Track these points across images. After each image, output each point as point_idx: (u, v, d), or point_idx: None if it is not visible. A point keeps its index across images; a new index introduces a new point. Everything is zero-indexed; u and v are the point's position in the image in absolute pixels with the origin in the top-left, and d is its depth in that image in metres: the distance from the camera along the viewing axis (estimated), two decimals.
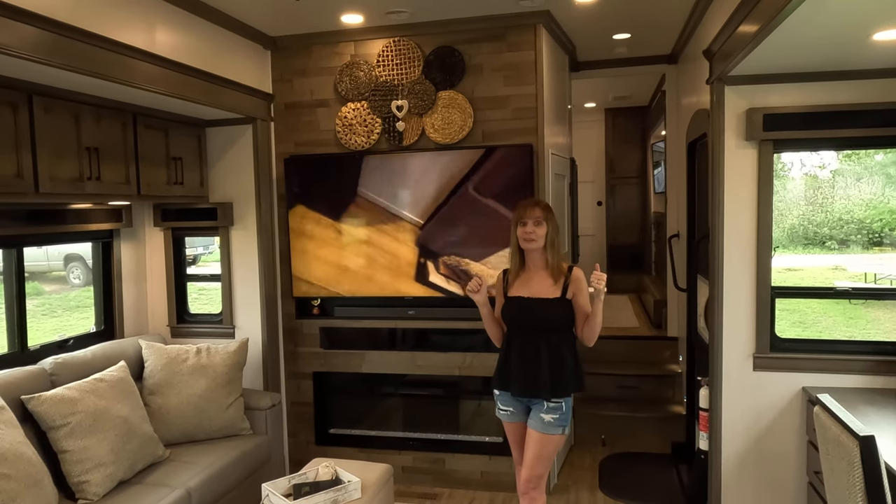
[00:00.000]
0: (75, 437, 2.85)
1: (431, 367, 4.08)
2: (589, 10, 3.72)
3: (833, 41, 2.57)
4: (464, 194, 3.82)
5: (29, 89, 2.76)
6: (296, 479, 2.96)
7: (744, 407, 3.29)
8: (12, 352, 3.27)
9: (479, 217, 3.82)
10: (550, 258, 2.83)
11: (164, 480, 3.06)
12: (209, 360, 3.61)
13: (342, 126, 4.06)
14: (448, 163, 3.83)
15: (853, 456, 1.91)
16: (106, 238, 3.86)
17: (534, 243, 2.81)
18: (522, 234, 2.81)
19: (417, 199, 3.89)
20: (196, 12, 3.35)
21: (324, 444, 4.30)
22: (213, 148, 4.06)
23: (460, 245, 3.87)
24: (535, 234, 2.79)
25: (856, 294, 3.93)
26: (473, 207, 3.82)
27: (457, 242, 3.87)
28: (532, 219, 2.80)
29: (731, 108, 3.20)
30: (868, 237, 5.74)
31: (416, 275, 3.94)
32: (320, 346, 4.23)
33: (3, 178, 2.67)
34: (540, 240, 2.80)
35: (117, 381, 3.19)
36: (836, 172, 5.15)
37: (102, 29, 2.72)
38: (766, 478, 3.29)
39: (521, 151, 3.75)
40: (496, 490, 4.01)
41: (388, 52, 3.96)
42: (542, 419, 2.78)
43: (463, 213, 3.84)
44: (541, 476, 2.83)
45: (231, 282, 4.10)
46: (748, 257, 3.25)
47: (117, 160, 3.29)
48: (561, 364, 2.77)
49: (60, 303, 6.71)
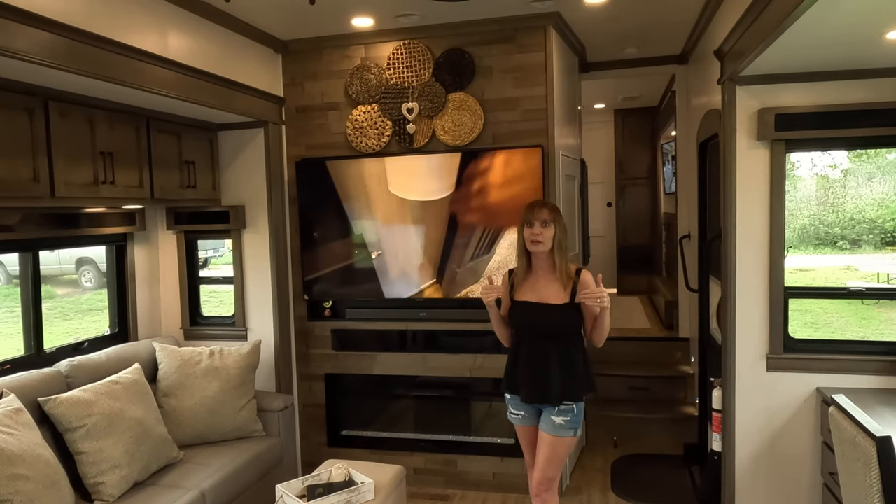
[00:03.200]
0: (91, 439, 2.88)
1: (442, 369, 4.08)
2: (598, 11, 3.72)
3: (845, 40, 2.56)
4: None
5: (45, 94, 2.80)
6: (309, 481, 2.98)
7: (757, 408, 3.28)
8: (28, 354, 3.30)
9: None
10: (558, 261, 2.77)
11: (178, 482, 3.08)
12: (222, 363, 3.64)
13: (353, 129, 4.07)
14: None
15: (870, 457, 1.89)
16: (120, 241, 3.89)
17: (540, 245, 2.76)
18: (529, 235, 2.77)
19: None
20: (208, 17, 3.38)
21: (336, 445, 4.32)
22: (225, 151, 4.08)
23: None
24: (541, 236, 2.75)
25: (869, 294, 3.90)
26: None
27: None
28: (539, 220, 2.75)
29: (742, 108, 3.19)
30: (880, 237, 5.69)
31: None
32: (332, 347, 4.25)
33: (19, 182, 2.70)
34: (547, 242, 2.76)
35: (132, 384, 3.22)
36: (848, 172, 5.11)
37: (117, 34, 2.75)
38: (781, 479, 3.27)
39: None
40: (508, 492, 4.01)
41: (398, 54, 3.97)
42: (553, 422, 2.77)
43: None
44: (553, 479, 2.83)
45: (243, 284, 4.12)
46: (761, 258, 3.24)
47: (131, 164, 3.32)
48: (570, 369, 2.76)
49: (72, 306, 6.77)
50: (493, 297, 2.84)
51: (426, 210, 3.91)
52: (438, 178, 3.88)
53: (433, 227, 3.91)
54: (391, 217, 3.98)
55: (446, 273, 3.93)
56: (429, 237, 3.92)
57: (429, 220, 3.91)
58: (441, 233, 3.90)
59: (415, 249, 3.95)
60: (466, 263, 3.89)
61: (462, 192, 3.84)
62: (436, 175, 3.88)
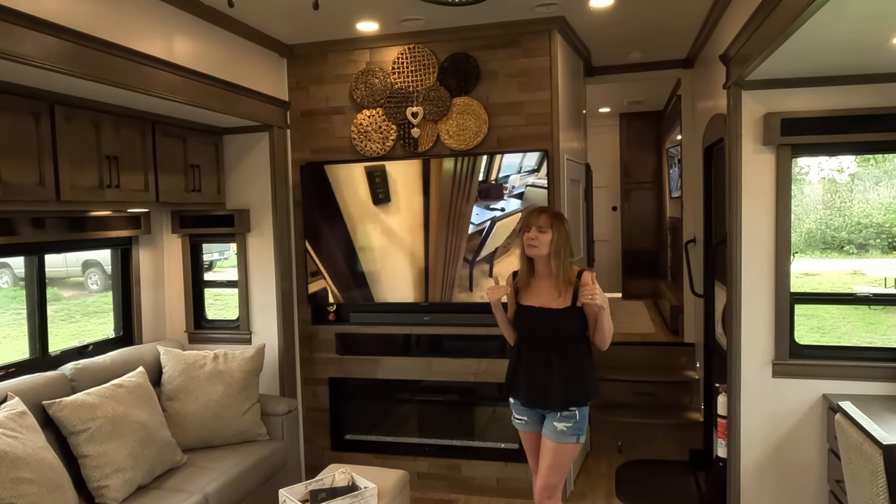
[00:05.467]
0: (95, 443, 2.88)
1: (446, 373, 4.08)
2: (603, 15, 3.71)
3: (852, 45, 2.55)
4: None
5: (51, 99, 2.81)
6: (312, 485, 2.97)
7: (763, 414, 3.25)
8: (34, 357, 3.31)
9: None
10: (555, 267, 2.76)
11: (181, 486, 3.08)
12: (226, 366, 3.64)
13: (358, 133, 4.08)
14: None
15: (876, 464, 1.88)
16: (125, 245, 3.90)
17: (535, 250, 2.76)
18: (526, 239, 2.78)
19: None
20: (214, 21, 3.39)
21: (339, 449, 4.31)
22: (230, 155, 4.09)
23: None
24: (537, 241, 2.74)
25: (876, 299, 3.88)
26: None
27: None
28: (536, 225, 2.76)
29: (748, 113, 3.18)
30: (888, 241, 5.67)
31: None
32: (336, 351, 4.25)
33: (25, 186, 2.71)
34: (543, 247, 2.75)
35: (136, 387, 3.22)
36: (855, 176, 5.09)
37: (123, 39, 2.76)
38: (786, 486, 3.25)
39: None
40: (512, 497, 3.99)
41: (403, 58, 3.98)
42: (555, 428, 2.76)
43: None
44: (556, 485, 2.81)
45: (248, 288, 4.13)
46: (766, 262, 3.22)
47: (136, 168, 3.33)
48: (573, 375, 2.75)
49: (79, 308, 6.79)
50: (498, 297, 2.84)
51: (429, 211, 3.91)
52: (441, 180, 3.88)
53: (434, 230, 3.91)
54: (393, 218, 3.97)
55: (447, 276, 3.92)
56: (430, 239, 3.92)
57: (431, 223, 3.91)
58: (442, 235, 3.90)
59: (417, 253, 3.95)
60: (470, 260, 3.89)
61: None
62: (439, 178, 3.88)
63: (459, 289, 3.91)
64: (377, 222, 4.00)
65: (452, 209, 3.87)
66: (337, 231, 4.07)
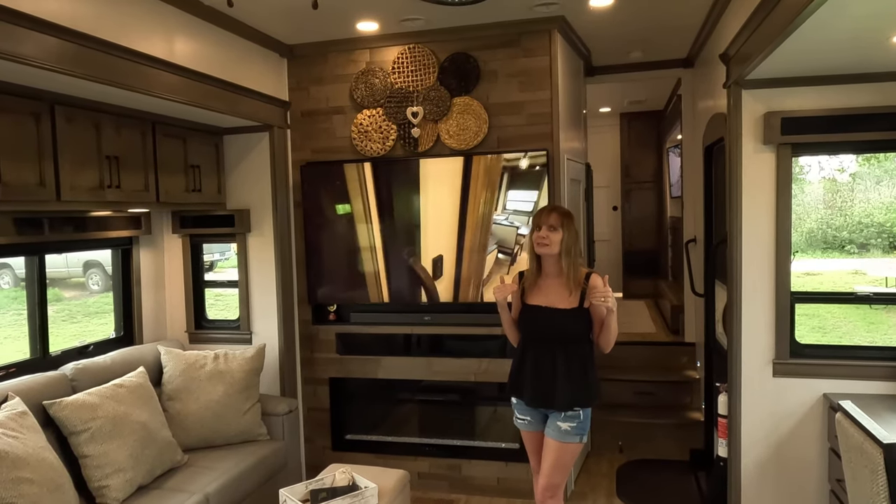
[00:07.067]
0: (95, 443, 2.89)
1: (447, 373, 4.08)
2: (603, 15, 3.71)
3: (852, 44, 2.55)
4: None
5: (51, 99, 2.81)
6: (313, 485, 2.97)
7: (763, 414, 3.25)
8: (34, 357, 3.31)
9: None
10: (566, 266, 2.76)
11: (182, 486, 3.08)
12: (227, 366, 3.64)
13: (358, 133, 4.08)
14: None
15: (877, 464, 1.88)
16: (125, 245, 3.90)
17: (547, 248, 2.76)
18: (536, 238, 2.78)
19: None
20: (214, 22, 3.39)
21: (340, 449, 4.31)
22: (231, 155, 4.09)
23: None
24: (548, 240, 2.75)
25: (877, 299, 3.87)
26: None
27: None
28: (547, 224, 2.76)
29: (748, 112, 3.17)
30: (889, 241, 5.66)
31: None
32: (336, 351, 4.25)
33: (25, 186, 2.71)
34: (554, 246, 2.75)
35: (136, 387, 3.22)
36: (856, 175, 5.08)
37: (124, 39, 2.76)
38: (787, 485, 3.25)
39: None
40: (513, 497, 3.99)
41: (403, 58, 3.98)
42: (559, 427, 2.76)
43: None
44: (558, 485, 2.81)
45: (248, 288, 4.13)
46: (767, 262, 3.22)
47: (137, 168, 3.33)
48: (577, 376, 2.74)
49: (80, 308, 6.79)
50: (505, 296, 2.84)
51: (432, 212, 3.91)
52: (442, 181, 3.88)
53: (441, 226, 3.90)
54: (395, 219, 3.97)
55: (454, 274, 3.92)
56: (437, 238, 3.92)
57: (437, 221, 3.91)
58: (451, 233, 3.89)
59: (420, 252, 3.95)
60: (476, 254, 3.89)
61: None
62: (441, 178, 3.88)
63: (473, 288, 3.88)
64: (383, 221, 4.00)
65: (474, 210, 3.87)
66: (341, 230, 4.06)
